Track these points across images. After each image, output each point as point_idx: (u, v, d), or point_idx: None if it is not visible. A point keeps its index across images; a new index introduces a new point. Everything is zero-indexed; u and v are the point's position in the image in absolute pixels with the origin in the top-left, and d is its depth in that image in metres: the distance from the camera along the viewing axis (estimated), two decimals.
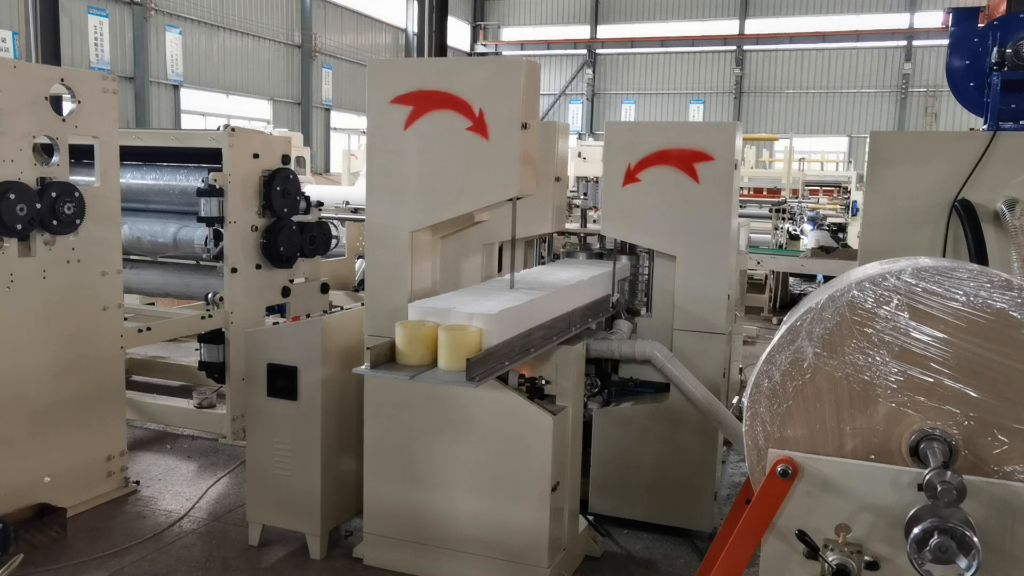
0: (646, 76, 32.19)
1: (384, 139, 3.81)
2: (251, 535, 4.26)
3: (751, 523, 2.23)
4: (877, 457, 2.19)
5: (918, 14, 28.24)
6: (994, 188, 3.46)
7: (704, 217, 4.28)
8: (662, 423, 4.39)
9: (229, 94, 22.14)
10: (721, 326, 4.33)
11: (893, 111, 29.16)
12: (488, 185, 3.65)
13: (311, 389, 4.02)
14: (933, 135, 3.95)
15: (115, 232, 4.74)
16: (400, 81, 3.74)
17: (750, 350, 8.77)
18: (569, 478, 3.86)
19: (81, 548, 4.19)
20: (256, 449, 4.18)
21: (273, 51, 23.53)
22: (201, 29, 20.93)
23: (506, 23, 33.70)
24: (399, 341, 3.27)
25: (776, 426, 2.27)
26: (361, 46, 27.13)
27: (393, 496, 3.89)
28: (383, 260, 3.89)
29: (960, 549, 1.92)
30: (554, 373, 3.83)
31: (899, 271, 2.20)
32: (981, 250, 3.31)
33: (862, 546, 2.12)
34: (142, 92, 19.07)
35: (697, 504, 4.37)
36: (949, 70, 5.01)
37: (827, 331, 2.21)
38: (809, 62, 29.99)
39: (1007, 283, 2.11)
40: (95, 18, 17.83)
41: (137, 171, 5.89)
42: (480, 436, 3.70)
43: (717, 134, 4.29)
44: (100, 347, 4.66)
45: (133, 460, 5.22)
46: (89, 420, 4.62)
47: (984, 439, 2.12)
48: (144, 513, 4.64)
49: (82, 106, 4.46)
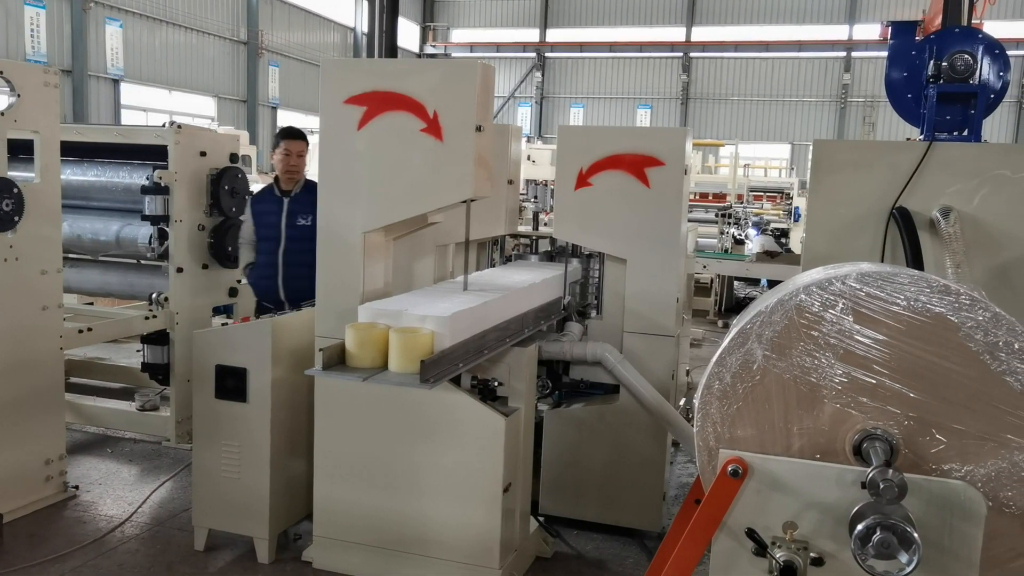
0: (595, 80, 32.46)
1: (337, 139, 3.79)
2: (197, 540, 4.19)
3: (702, 522, 2.27)
4: (823, 456, 2.26)
5: (857, 26, 29.05)
6: (930, 196, 3.58)
7: (654, 221, 4.34)
8: (612, 425, 4.44)
9: (172, 90, 21.67)
10: (670, 328, 4.41)
11: (833, 120, 29.94)
12: (442, 187, 3.65)
13: (261, 391, 3.97)
14: (873, 144, 4.08)
15: (55, 230, 4.61)
16: (354, 81, 3.72)
17: (697, 352, 8.92)
18: (521, 479, 3.89)
19: (19, 555, 4.07)
20: (203, 452, 4.11)
21: (218, 47, 23.09)
22: (143, 23, 20.44)
23: (456, 25, 33.65)
24: (349, 343, 3.25)
25: (726, 427, 2.32)
26: (309, 44, 26.80)
27: (344, 499, 3.86)
28: (335, 261, 3.86)
29: (901, 544, 1.99)
30: (506, 375, 3.85)
31: (844, 276, 2.27)
32: (918, 256, 3.43)
33: (808, 543, 2.18)
34: (80, 86, 18.54)
35: (646, 504, 4.44)
36: (888, 81, 5.18)
37: (776, 334, 2.27)
38: (753, 70, 30.60)
39: (945, 288, 2.20)
40: (32, 9, 17.27)
41: (78, 167, 5.72)
42: (432, 438, 3.70)
43: (668, 140, 4.36)
44: (39, 348, 4.53)
45: (72, 464, 5.08)
46: (27, 423, 4.48)
47: (923, 438, 2.20)
48: (84, 518, 4.53)
49: (22, 100, 4.33)
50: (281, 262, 5.07)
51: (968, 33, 4.99)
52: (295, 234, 5.02)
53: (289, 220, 5.06)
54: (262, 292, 5.21)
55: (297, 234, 5.00)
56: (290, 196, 5.09)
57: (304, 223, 4.96)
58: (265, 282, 5.16)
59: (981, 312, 2.16)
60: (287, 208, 5.07)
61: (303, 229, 4.92)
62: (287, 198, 5.09)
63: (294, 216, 5.05)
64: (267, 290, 5.15)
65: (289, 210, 5.07)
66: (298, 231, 4.99)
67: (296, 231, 5.01)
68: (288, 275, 5.06)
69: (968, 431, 2.17)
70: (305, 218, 4.95)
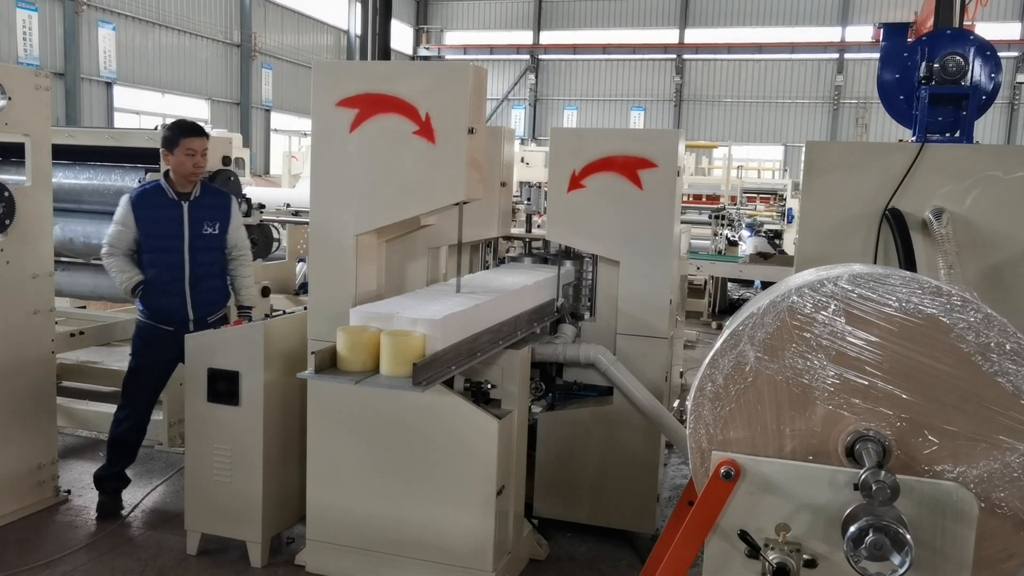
0: (588, 82, 32.49)
1: (329, 142, 3.78)
2: (189, 544, 4.17)
3: (695, 524, 2.27)
4: (815, 458, 2.26)
5: (849, 28, 29.14)
6: (922, 198, 3.59)
7: (647, 223, 4.34)
8: (605, 426, 4.44)
9: (165, 93, 21.61)
10: (663, 330, 4.41)
11: (826, 121, 30.02)
12: (435, 189, 3.65)
13: (253, 394, 3.96)
14: (865, 145, 4.08)
15: (47, 233, 4.59)
16: (346, 84, 3.71)
17: (690, 354, 8.93)
18: (514, 482, 3.88)
19: (10, 560, 4.04)
20: (195, 456, 4.09)
21: (211, 49, 23.05)
22: (136, 25, 20.39)
23: (449, 27, 33.65)
24: (340, 347, 3.24)
25: (719, 429, 2.32)
26: (302, 47, 26.77)
27: (337, 502, 3.85)
28: (327, 263, 3.85)
29: (894, 546, 1.99)
30: (500, 377, 3.84)
31: (836, 277, 2.27)
32: (910, 257, 3.43)
33: (801, 545, 2.18)
34: (73, 89, 18.48)
35: (640, 507, 4.43)
36: (880, 83, 5.19)
37: (768, 335, 2.27)
38: (746, 72, 30.67)
39: (937, 289, 2.20)
40: (24, 12, 17.22)
41: (70, 170, 5.72)
42: (425, 441, 3.69)
43: (660, 141, 4.36)
44: (30, 352, 4.51)
45: (64, 468, 5.06)
46: (18, 427, 4.46)
47: (915, 439, 2.20)
48: (76, 523, 4.50)
49: (12, 103, 4.31)
50: (188, 277, 4.48)
51: (959, 35, 5.01)
52: (202, 244, 4.53)
53: (193, 229, 4.48)
54: (163, 312, 4.51)
55: (204, 244, 4.53)
56: (190, 200, 4.49)
57: (211, 231, 4.54)
58: (169, 300, 4.49)
59: (973, 313, 2.16)
60: (189, 215, 4.48)
61: (210, 239, 4.55)
62: (186, 202, 4.48)
63: (199, 224, 4.50)
64: (170, 309, 4.50)
65: (192, 217, 4.48)
66: (204, 241, 4.53)
67: (203, 241, 4.52)
68: (198, 291, 4.53)
69: (960, 432, 2.17)
70: (212, 226, 4.54)
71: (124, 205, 4.48)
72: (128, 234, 4.47)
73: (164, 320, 4.51)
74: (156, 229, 4.47)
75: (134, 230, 4.46)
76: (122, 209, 4.48)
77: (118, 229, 4.47)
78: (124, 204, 4.48)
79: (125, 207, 4.47)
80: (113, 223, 4.50)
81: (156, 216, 4.46)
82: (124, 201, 4.50)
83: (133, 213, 4.44)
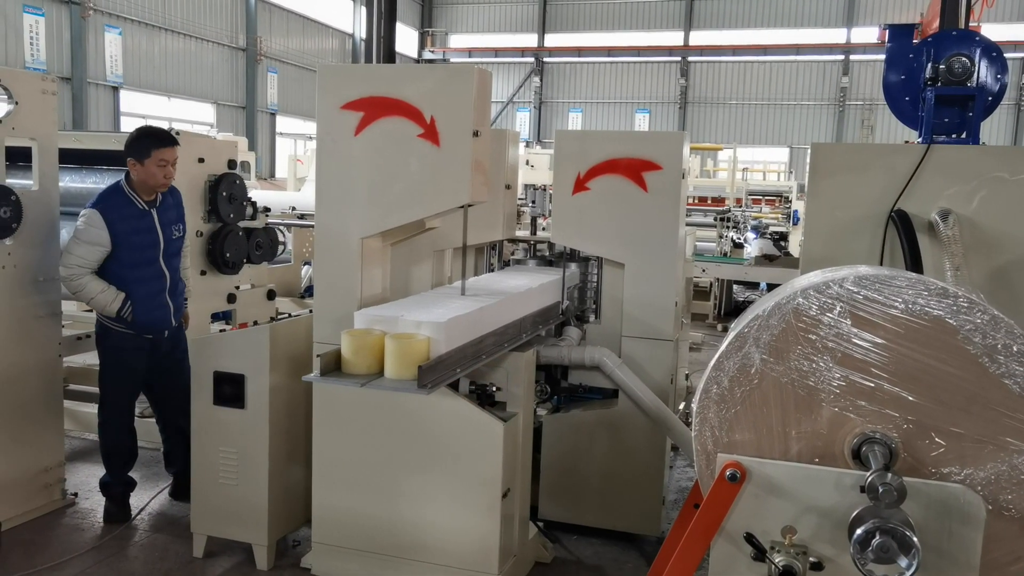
0: (593, 85, 32.51)
1: (334, 145, 3.79)
2: (195, 547, 4.18)
3: (701, 526, 2.26)
4: (821, 460, 2.25)
5: (855, 29, 29.09)
6: (928, 199, 3.58)
7: (652, 226, 4.34)
8: (611, 429, 4.43)
9: (171, 97, 21.69)
10: (669, 333, 4.40)
11: (831, 123, 29.97)
12: (439, 192, 3.65)
13: (259, 397, 3.97)
14: (871, 147, 4.07)
15: (53, 237, 4.60)
16: (351, 87, 3.72)
17: (696, 356, 8.91)
18: (519, 484, 3.87)
19: (16, 563, 4.05)
20: (201, 459, 4.10)
21: (217, 54, 23.12)
22: (142, 30, 20.47)
23: (454, 30, 33.70)
24: (345, 350, 3.24)
25: (724, 431, 2.32)
26: (307, 50, 26.85)
27: (342, 505, 3.85)
28: (332, 266, 3.85)
29: (901, 549, 1.98)
30: (505, 380, 3.84)
31: (841, 279, 2.27)
32: (916, 259, 3.42)
33: (807, 547, 2.17)
34: (80, 93, 18.56)
35: (645, 509, 4.42)
36: (885, 84, 5.17)
37: (773, 337, 2.27)
38: (751, 74, 30.65)
39: (943, 291, 2.19)
40: (31, 17, 17.30)
41: (76, 174, 5.73)
42: (430, 443, 3.69)
43: (665, 144, 4.36)
44: (37, 355, 4.52)
45: (71, 471, 5.06)
46: (25, 431, 4.47)
47: (922, 442, 2.19)
48: (82, 526, 4.51)
49: (19, 107, 4.33)
50: (168, 286, 4.45)
51: (965, 36, 4.98)
52: (173, 250, 4.49)
53: (165, 234, 4.42)
54: (153, 323, 4.40)
55: (174, 249, 4.50)
56: (157, 207, 4.39)
57: (178, 235, 4.51)
58: (157, 313, 4.40)
59: (980, 315, 2.15)
60: (159, 220, 4.39)
61: (178, 242, 4.53)
62: (154, 209, 4.38)
63: (168, 229, 4.43)
64: (157, 320, 4.42)
65: (161, 223, 4.40)
66: (174, 245, 4.50)
67: (173, 246, 4.48)
68: (175, 296, 4.50)
69: (967, 434, 2.17)
70: (177, 228, 4.50)
71: (95, 222, 4.21)
72: (100, 252, 4.25)
73: (152, 330, 4.44)
74: (134, 241, 4.31)
75: (108, 246, 4.24)
76: (92, 227, 4.22)
77: (88, 247, 4.22)
78: (94, 221, 4.21)
79: (97, 224, 4.21)
80: (77, 241, 4.23)
81: (132, 228, 4.31)
82: (93, 218, 4.22)
83: (109, 229, 4.22)
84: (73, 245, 4.26)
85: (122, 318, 4.34)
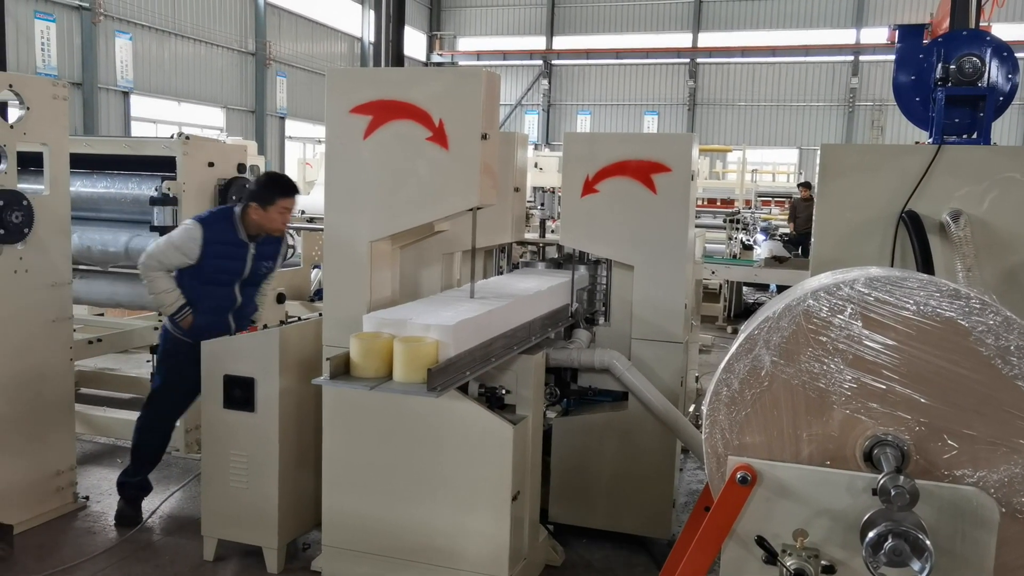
0: (601, 87, 32.48)
1: (343, 148, 3.79)
2: (206, 550, 4.19)
3: (711, 529, 2.25)
4: (832, 463, 2.24)
5: (864, 30, 28.98)
6: (939, 200, 3.56)
7: (661, 228, 4.33)
8: (621, 432, 4.42)
9: (181, 101, 21.78)
10: (678, 335, 4.39)
11: (841, 124, 29.85)
12: (448, 195, 3.66)
13: (269, 400, 3.98)
14: (881, 148, 4.05)
15: (65, 242, 4.63)
16: (360, 90, 3.72)
17: (706, 359, 8.89)
18: (529, 487, 3.87)
19: (28, 565, 4.07)
20: (212, 462, 4.11)
21: (226, 58, 23.21)
22: (152, 35, 20.57)
23: (462, 33, 33.74)
24: (354, 353, 3.25)
25: (735, 434, 2.31)
26: (316, 54, 26.92)
27: (352, 508, 3.85)
28: (342, 270, 3.86)
29: (914, 552, 1.96)
30: (514, 382, 3.84)
31: (852, 281, 2.25)
32: (928, 260, 3.40)
33: (819, 550, 2.16)
34: (90, 99, 18.66)
35: (656, 512, 4.41)
36: (895, 85, 5.15)
37: (784, 340, 2.26)
38: (760, 75, 30.56)
39: (955, 292, 2.18)
40: (42, 23, 17.39)
41: (87, 179, 5.77)
42: (440, 446, 3.69)
43: (674, 146, 4.35)
44: (49, 359, 4.54)
45: (83, 475, 5.09)
46: (37, 434, 4.50)
47: (934, 444, 2.18)
48: (94, 529, 4.53)
49: (31, 112, 4.36)
50: (236, 306, 4.57)
51: (976, 36, 4.96)
52: (256, 279, 4.65)
53: (253, 267, 4.55)
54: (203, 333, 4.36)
55: (256, 280, 4.65)
56: (257, 242, 4.53)
57: (266, 269, 4.66)
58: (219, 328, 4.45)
59: (992, 316, 2.14)
60: (253, 253, 4.52)
61: (263, 275, 4.68)
62: (253, 244, 4.51)
63: (258, 263, 4.57)
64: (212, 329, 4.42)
65: (254, 257, 4.53)
66: (258, 277, 4.65)
67: (256, 277, 4.63)
68: (241, 315, 4.62)
69: (980, 436, 2.15)
70: (268, 264, 4.65)
71: (194, 236, 4.35)
72: (183, 260, 4.38)
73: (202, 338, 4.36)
74: (220, 265, 4.44)
75: (193, 260, 4.37)
76: (189, 238, 4.36)
77: (174, 252, 4.36)
78: (193, 234, 4.35)
79: (195, 237, 4.35)
80: (168, 243, 4.40)
81: (224, 252, 4.44)
82: (194, 232, 4.36)
83: (203, 248, 4.35)
84: (165, 243, 4.44)
85: (178, 324, 4.48)
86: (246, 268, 4.52)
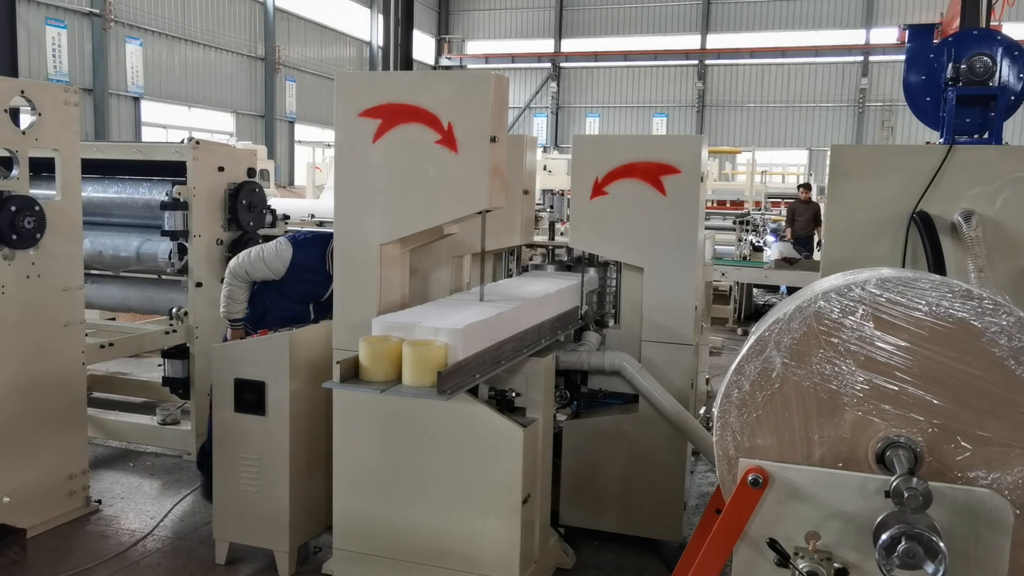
0: (610, 89, 32.48)
1: (352, 152, 3.80)
2: (218, 553, 4.20)
3: (723, 532, 2.24)
4: (845, 465, 2.23)
5: (874, 30, 28.89)
6: (951, 200, 3.54)
7: (671, 229, 4.33)
8: (631, 434, 4.41)
9: (191, 106, 21.90)
10: (689, 337, 4.38)
11: (851, 125, 29.75)
12: (457, 198, 3.66)
13: (279, 404, 3.99)
14: (892, 148, 4.03)
15: (76, 246, 4.66)
16: (368, 94, 3.73)
17: (716, 361, 8.86)
18: (540, 490, 3.86)
19: (41, 570, 4.09)
20: (223, 465, 4.12)
21: (236, 63, 23.32)
22: (162, 41, 20.69)
23: (471, 36, 33.81)
24: (363, 357, 3.25)
25: (746, 436, 2.30)
26: (325, 59, 27.03)
27: (363, 511, 3.85)
28: (351, 273, 3.87)
29: (927, 554, 1.95)
30: (524, 385, 3.83)
31: (863, 282, 2.24)
32: (939, 260, 3.38)
33: (832, 553, 2.15)
34: (101, 104, 18.78)
35: (667, 515, 4.40)
36: (906, 85, 5.14)
37: (795, 341, 2.25)
38: (769, 76, 30.49)
39: (967, 293, 2.17)
40: (53, 29, 17.53)
41: (98, 184, 5.80)
42: (450, 449, 3.69)
43: (683, 147, 4.35)
44: (61, 364, 4.57)
45: (95, 479, 5.12)
46: (50, 438, 4.52)
47: (948, 446, 2.16)
48: (107, 533, 4.55)
49: (42, 118, 4.39)
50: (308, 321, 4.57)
51: (986, 35, 4.94)
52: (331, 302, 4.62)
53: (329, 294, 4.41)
54: None
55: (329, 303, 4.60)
56: None
57: None
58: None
59: (1005, 317, 2.12)
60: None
61: None
62: None
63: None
64: None
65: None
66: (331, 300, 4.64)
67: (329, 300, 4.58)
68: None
69: (993, 438, 2.13)
70: None
71: (283, 256, 4.46)
72: (266, 273, 4.50)
73: None
74: (301, 288, 4.57)
75: (278, 276, 4.50)
76: (279, 257, 4.47)
77: (261, 266, 4.49)
78: (284, 255, 4.46)
79: (284, 258, 4.46)
80: (259, 255, 4.50)
81: (309, 280, 4.55)
82: (284, 253, 4.47)
83: (289, 271, 4.48)
84: (255, 254, 4.54)
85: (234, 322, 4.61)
86: (326, 294, 4.53)
